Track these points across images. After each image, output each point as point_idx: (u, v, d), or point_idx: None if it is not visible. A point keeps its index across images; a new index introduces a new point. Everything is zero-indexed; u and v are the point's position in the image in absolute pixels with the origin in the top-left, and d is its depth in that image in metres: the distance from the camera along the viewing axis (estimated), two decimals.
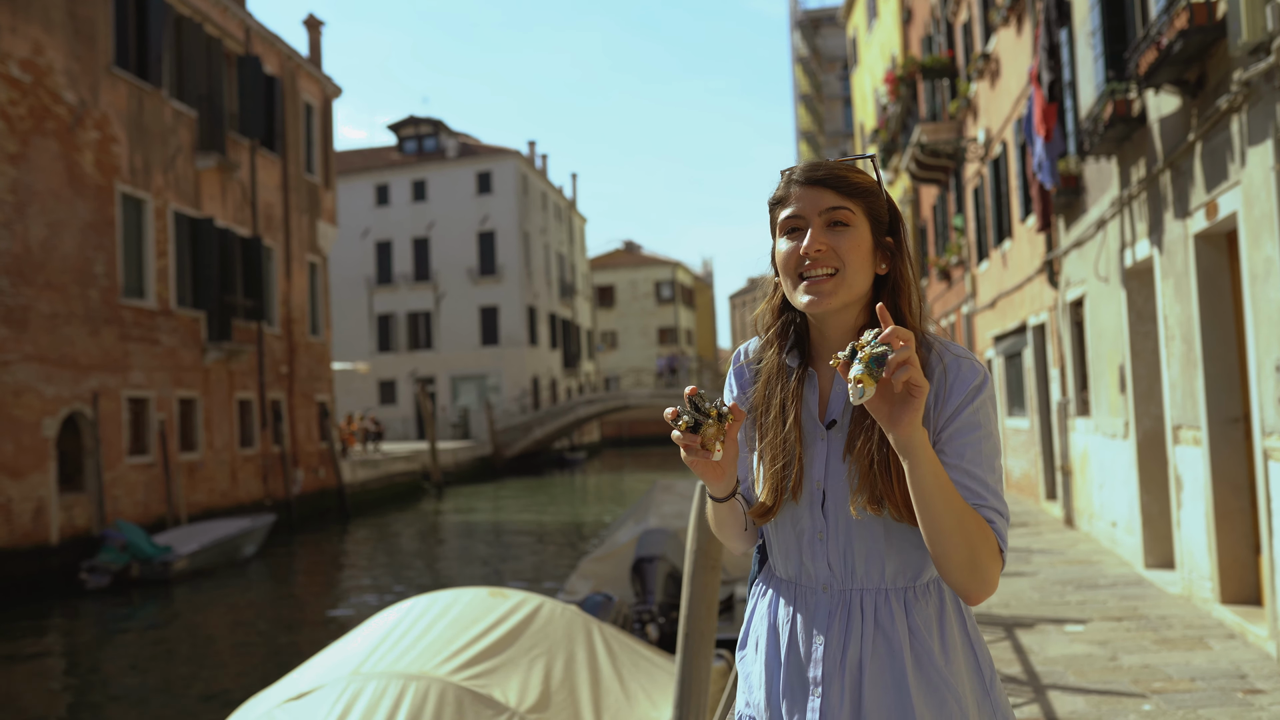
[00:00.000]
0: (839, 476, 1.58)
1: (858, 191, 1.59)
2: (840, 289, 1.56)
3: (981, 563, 1.44)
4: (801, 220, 1.58)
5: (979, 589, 1.46)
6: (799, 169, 1.62)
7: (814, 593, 1.61)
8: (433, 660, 4.17)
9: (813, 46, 55.61)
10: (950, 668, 1.55)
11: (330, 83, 29.04)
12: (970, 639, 1.60)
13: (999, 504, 1.51)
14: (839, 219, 1.57)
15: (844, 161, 1.62)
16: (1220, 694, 5.23)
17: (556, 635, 4.67)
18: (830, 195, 1.57)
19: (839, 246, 1.56)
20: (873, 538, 1.56)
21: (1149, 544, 8.74)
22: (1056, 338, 12.07)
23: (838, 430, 1.60)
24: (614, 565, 10.34)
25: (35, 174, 16.57)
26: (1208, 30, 6.09)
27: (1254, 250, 5.91)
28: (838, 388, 1.63)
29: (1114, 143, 8.56)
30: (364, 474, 29.55)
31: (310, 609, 15.51)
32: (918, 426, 1.40)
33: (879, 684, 1.53)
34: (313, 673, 4.37)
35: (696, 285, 78.66)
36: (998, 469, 1.53)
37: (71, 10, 17.72)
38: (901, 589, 1.57)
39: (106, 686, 10.90)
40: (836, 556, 1.58)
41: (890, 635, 1.55)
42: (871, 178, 1.62)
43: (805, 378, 1.66)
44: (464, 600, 4.73)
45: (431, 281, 47.22)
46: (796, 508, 1.61)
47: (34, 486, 16.07)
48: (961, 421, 1.52)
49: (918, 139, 18.05)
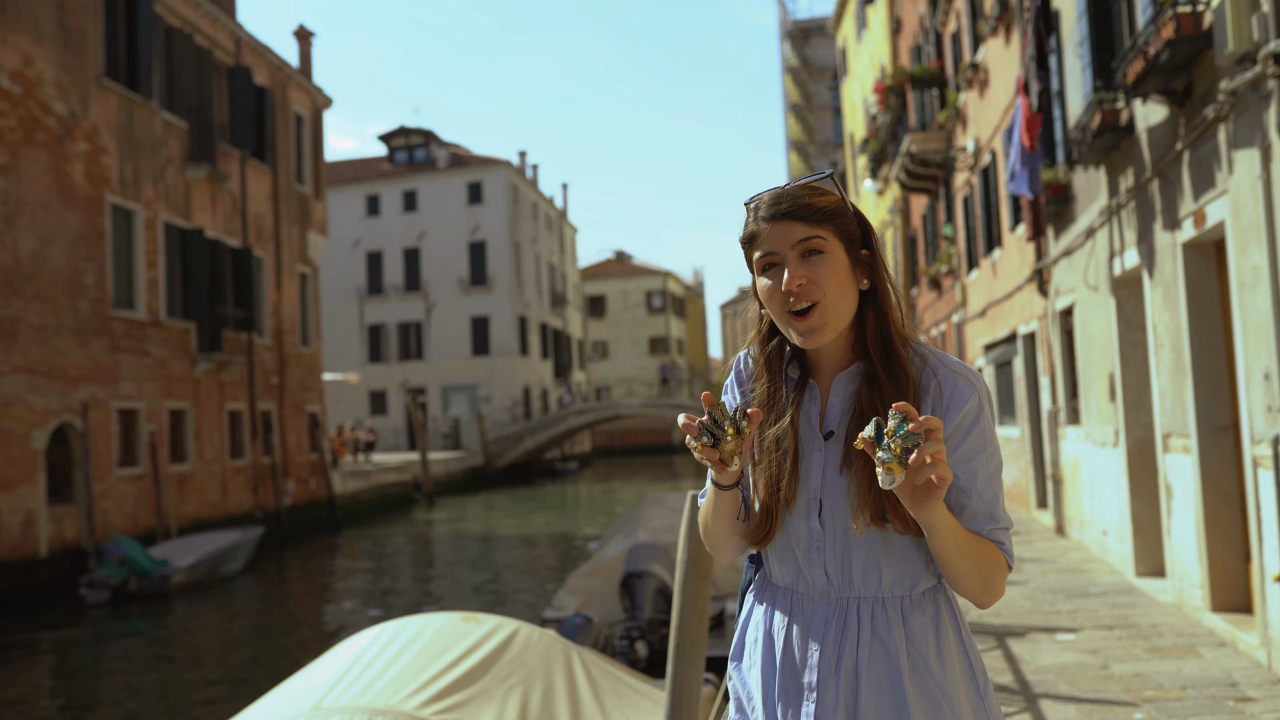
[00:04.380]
0: (836, 487, 1.58)
1: (825, 216, 1.58)
2: (829, 319, 1.57)
3: (993, 582, 1.55)
4: (776, 256, 1.59)
5: (990, 599, 1.57)
6: (764, 204, 1.61)
7: (811, 600, 1.61)
8: (400, 693, 3.89)
9: (802, 56, 55.77)
10: (946, 675, 1.56)
11: (320, 93, 29.04)
12: (965, 646, 1.61)
13: (1006, 520, 1.57)
14: (813, 248, 1.57)
15: (805, 185, 1.61)
16: (1211, 702, 5.23)
17: (534, 663, 4.39)
18: (799, 227, 1.57)
19: (818, 277, 1.56)
20: (870, 547, 1.57)
21: (1139, 552, 8.75)
22: (1046, 346, 12.10)
23: (835, 441, 1.61)
24: (602, 580, 10.26)
25: (25, 185, 16.52)
26: (1194, 40, 6.12)
27: (1242, 258, 5.93)
28: (835, 399, 1.63)
29: (1102, 152, 8.60)
30: (355, 485, 29.47)
31: (308, 622, 15.43)
32: (941, 508, 1.43)
33: (875, 691, 1.54)
34: (271, 709, 4.08)
35: (687, 295, 78.71)
36: (1001, 483, 1.59)
37: (61, 21, 17.70)
38: (899, 597, 1.58)
39: (108, 703, 10.81)
40: (834, 565, 1.59)
41: (887, 643, 1.55)
42: (836, 196, 1.61)
43: (806, 388, 1.66)
44: (434, 626, 4.44)
45: (422, 292, 47.18)
46: (792, 516, 1.61)
47: (23, 498, 15.98)
48: (970, 444, 1.54)
49: (907, 148, 18.11)
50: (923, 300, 22.83)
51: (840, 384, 1.64)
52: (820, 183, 1.62)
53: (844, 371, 1.64)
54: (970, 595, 1.54)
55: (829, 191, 1.61)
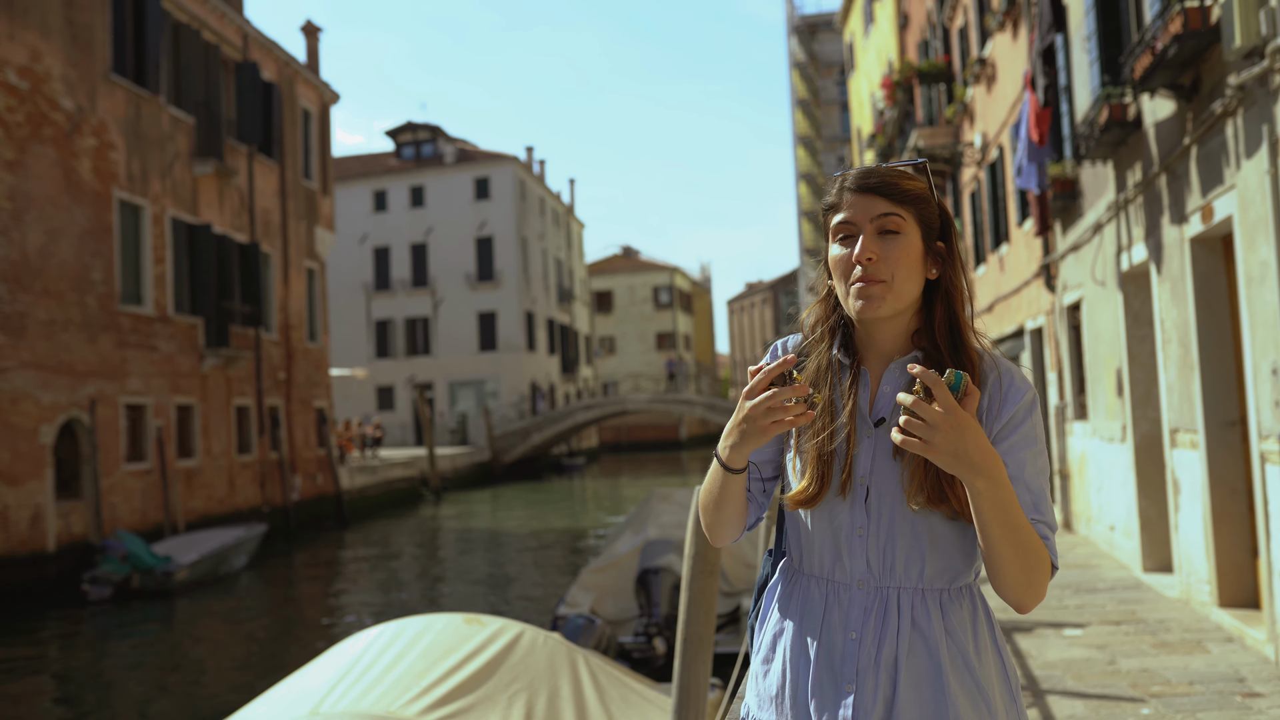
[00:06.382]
0: (884, 473, 1.59)
1: (909, 198, 1.60)
2: (889, 297, 1.58)
3: (1036, 578, 1.50)
4: (853, 227, 1.60)
5: (1032, 601, 1.52)
6: (852, 175, 1.63)
7: (848, 589, 1.60)
8: (400, 698, 3.79)
9: (810, 52, 55.68)
10: (982, 671, 1.56)
11: (328, 89, 29.06)
12: (998, 645, 1.61)
13: (1051, 519, 1.56)
14: (890, 226, 1.58)
15: (896, 167, 1.63)
16: (1219, 697, 5.23)
17: (538, 668, 4.26)
18: (882, 202, 1.59)
19: (889, 255, 1.57)
20: (915, 537, 1.57)
21: (1147, 547, 8.74)
22: (1054, 341, 12.08)
23: (886, 428, 1.60)
24: (615, 577, 10.22)
25: (33, 181, 16.56)
26: (1202, 35, 6.10)
27: (1250, 253, 5.91)
28: (887, 387, 1.63)
29: (1110, 147, 8.57)
30: (362, 480, 29.52)
31: (311, 620, 15.46)
32: (991, 473, 1.42)
33: (915, 683, 1.53)
34: (267, 710, 3.99)
35: (694, 290, 78.67)
36: (1048, 484, 1.58)
37: (69, 17, 17.73)
38: (938, 590, 1.58)
39: (111, 701, 10.83)
40: (876, 553, 1.58)
41: (927, 635, 1.55)
42: (923, 184, 1.63)
43: (858, 374, 1.66)
44: (436, 628, 4.31)
45: (429, 287, 47.21)
46: (839, 502, 1.61)
47: (31, 494, 16.04)
48: (1020, 435, 1.55)
49: (914, 144, 18.07)
50: None
51: (895, 371, 1.64)
52: (913, 169, 1.64)
53: (900, 359, 1.64)
54: (1011, 590, 1.50)
55: (917, 178, 1.63)
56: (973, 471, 1.42)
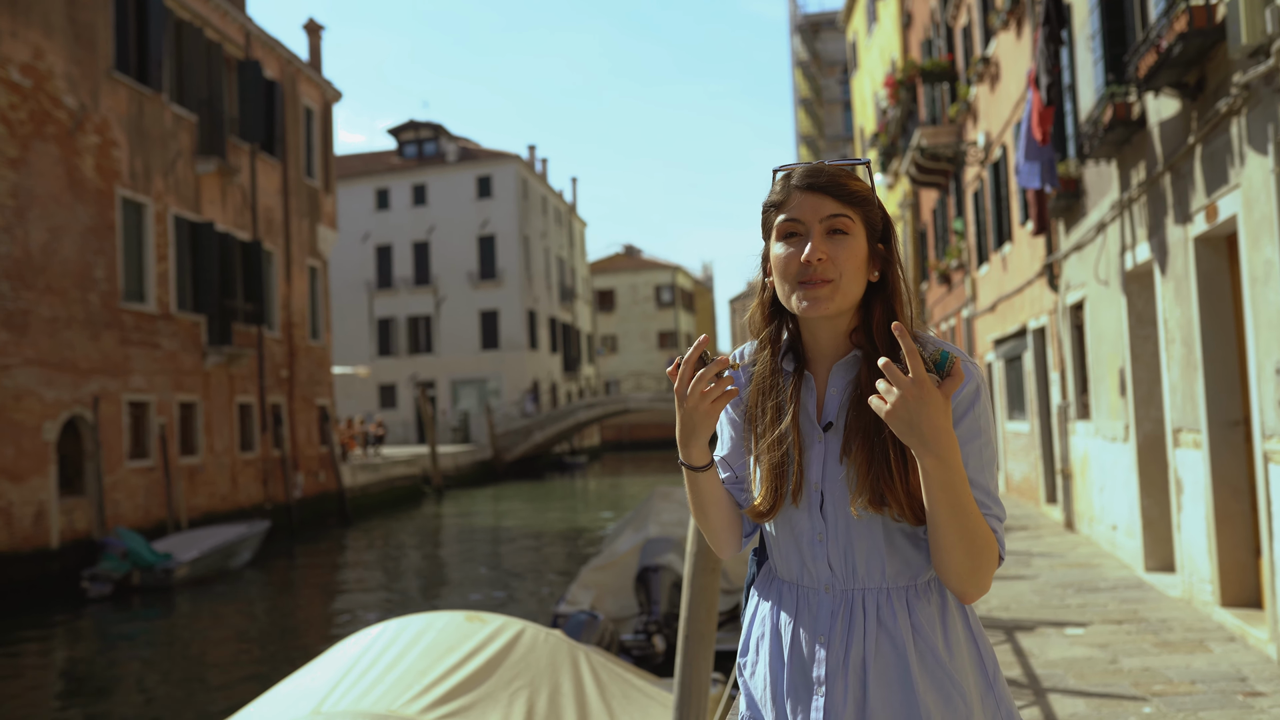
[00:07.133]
0: (836, 478, 1.58)
1: (857, 199, 1.59)
2: (836, 297, 1.57)
3: (981, 566, 1.49)
4: (801, 226, 1.58)
5: (975, 591, 1.52)
6: (798, 173, 1.61)
7: (816, 593, 1.61)
8: (401, 697, 3.79)
9: (812, 50, 55.66)
10: (954, 663, 1.55)
11: (330, 87, 29.07)
12: (973, 634, 1.60)
13: (999, 510, 1.55)
14: (838, 226, 1.57)
15: (842, 167, 1.62)
16: (1221, 697, 5.22)
17: (540, 665, 4.26)
18: (831, 203, 1.57)
19: (838, 256, 1.56)
20: (872, 538, 1.57)
21: (1149, 547, 8.73)
22: (1057, 341, 12.07)
23: (834, 432, 1.61)
24: (616, 574, 10.25)
25: (35, 178, 16.58)
26: (1207, 33, 6.09)
27: (1254, 253, 5.91)
28: (833, 390, 1.63)
29: (1114, 146, 8.56)
30: (364, 478, 29.54)
31: (312, 617, 15.48)
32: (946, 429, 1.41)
33: (884, 682, 1.54)
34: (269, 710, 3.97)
35: (696, 289, 78.68)
36: (995, 472, 1.57)
37: (72, 15, 17.74)
38: (903, 587, 1.58)
39: (109, 698, 10.85)
40: (837, 557, 1.59)
41: (894, 633, 1.55)
42: (867, 185, 1.62)
43: (802, 380, 1.66)
44: (437, 626, 4.30)
45: (432, 285, 47.24)
46: (795, 510, 1.61)
47: (34, 490, 16.07)
48: (964, 429, 1.54)
49: (918, 143, 18.06)
50: (932, 295, 22.79)
51: (838, 373, 1.64)
52: (856, 169, 1.64)
53: (842, 360, 1.64)
54: (955, 578, 1.50)
55: (861, 179, 1.62)
56: (923, 446, 1.41)
